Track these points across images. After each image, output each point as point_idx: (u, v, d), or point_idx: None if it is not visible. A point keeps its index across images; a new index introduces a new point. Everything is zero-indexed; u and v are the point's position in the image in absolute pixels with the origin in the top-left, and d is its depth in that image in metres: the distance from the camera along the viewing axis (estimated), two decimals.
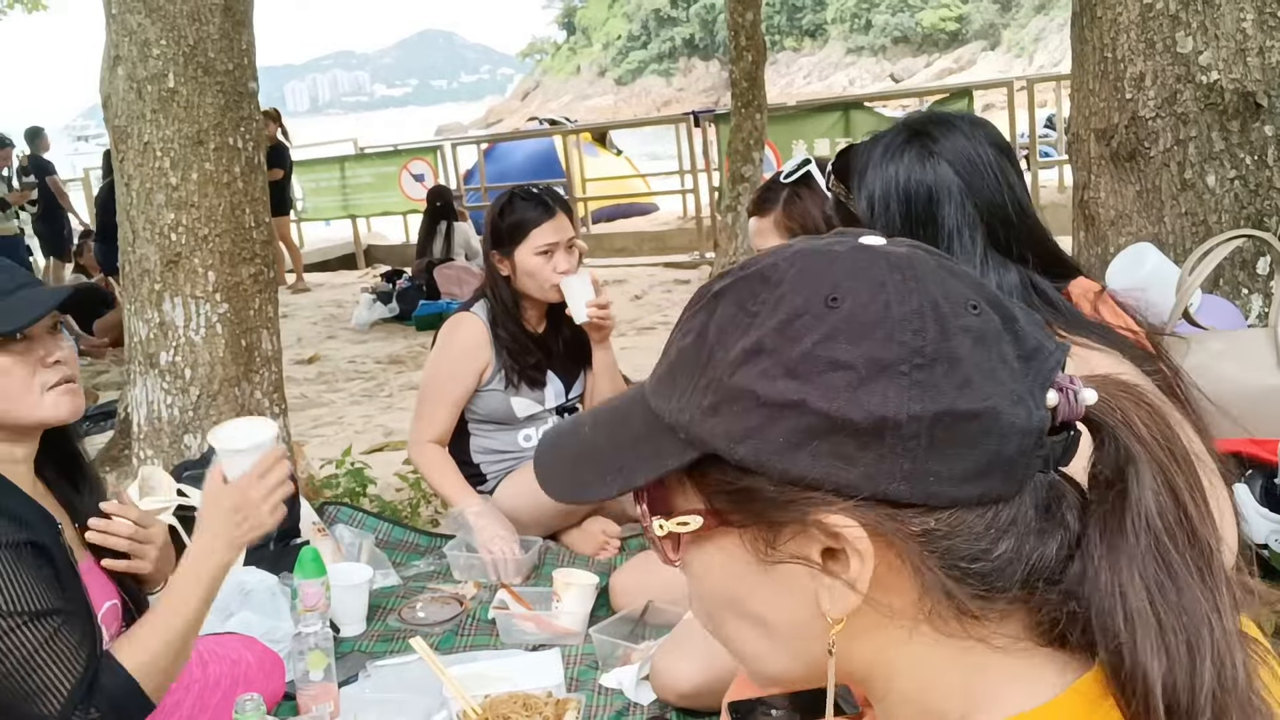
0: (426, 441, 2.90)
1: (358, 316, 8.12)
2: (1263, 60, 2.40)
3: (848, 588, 0.59)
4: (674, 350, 0.65)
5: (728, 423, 0.59)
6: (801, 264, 0.61)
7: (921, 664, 0.62)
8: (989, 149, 1.48)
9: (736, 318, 0.60)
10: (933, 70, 52.07)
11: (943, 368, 0.56)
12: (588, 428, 0.69)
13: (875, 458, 0.56)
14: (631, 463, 0.63)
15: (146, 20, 3.04)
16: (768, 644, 0.65)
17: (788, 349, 0.58)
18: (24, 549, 1.50)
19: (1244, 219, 2.45)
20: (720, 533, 0.62)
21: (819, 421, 0.56)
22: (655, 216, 12.30)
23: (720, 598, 0.65)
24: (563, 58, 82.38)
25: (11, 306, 1.58)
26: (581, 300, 2.83)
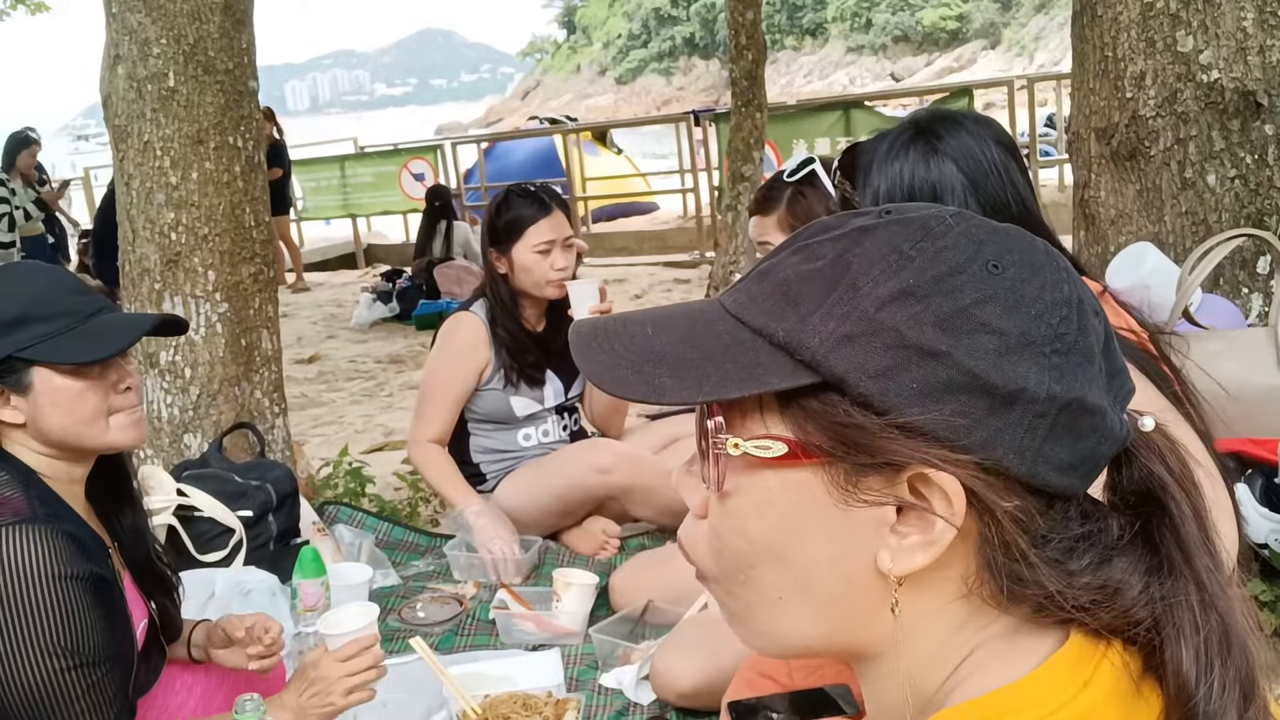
0: (426, 441, 2.90)
1: (358, 316, 8.12)
2: (1263, 59, 2.40)
3: (921, 547, 0.59)
4: (788, 272, 0.62)
5: (863, 355, 0.57)
6: (966, 225, 0.61)
7: (937, 641, 0.62)
8: (994, 147, 1.48)
9: (889, 256, 0.59)
10: (933, 69, 52.06)
11: (1076, 359, 0.58)
12: (650, 329, 0.65)
13: (1001, 425, 0.57)
14: (722, 374, 0.60)
15: (146, 19, 3.04)
16: (798, 599, 0.63)
17: (943, 301, 0.57)
18: (88, 584, 1.48)
19: (1244, 218, 2.45)
20: (800, 465, 0.60)
21: (959, 376, 0.56)
22: (655, 216, 12.30)
23: (768, 536, 0.62)
24: (563, 57, 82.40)
25: (94, 332, 1.58)
26: (586, 306, 2.83)
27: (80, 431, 1.59)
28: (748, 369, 0.60)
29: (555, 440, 3.01)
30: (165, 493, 2.69)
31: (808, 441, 0.59)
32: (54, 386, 1.56)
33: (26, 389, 1.55)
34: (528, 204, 2.89)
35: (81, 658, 1.45)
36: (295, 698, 1.66)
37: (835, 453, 0.59)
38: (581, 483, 2.86)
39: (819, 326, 0.59)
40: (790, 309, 0.60)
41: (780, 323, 0.60)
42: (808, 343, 0.59)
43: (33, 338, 1.54)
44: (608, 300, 2.89)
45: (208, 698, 1.88)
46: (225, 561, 2.67)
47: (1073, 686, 0.58)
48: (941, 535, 0.58)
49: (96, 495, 1.68)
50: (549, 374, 2.97)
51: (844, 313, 0.58)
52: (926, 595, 0.61)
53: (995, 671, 0.60)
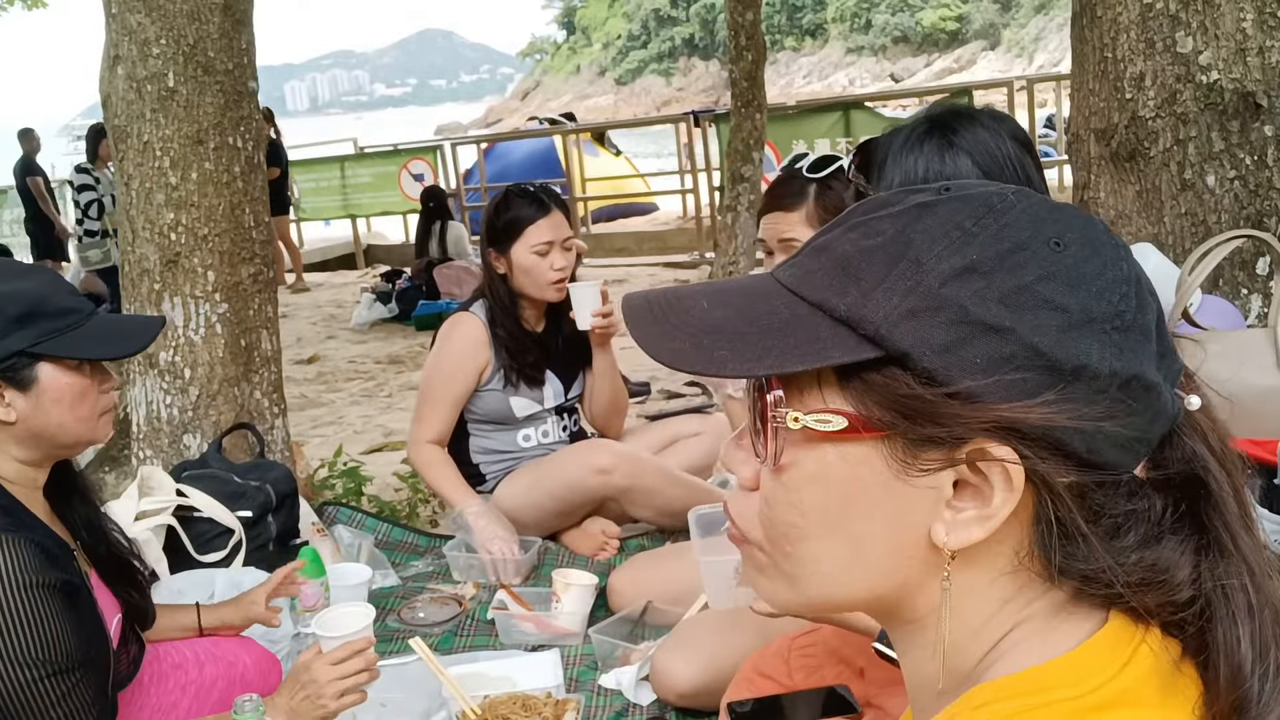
0: (425, 442, 2.90)
1: (357, 316, 8.12)
2: (1263, 60, 2.40)
3: (978, 520, 0.59)
4: (847, 247, 0.62)
5: (927, 330, 0.58)
6: (1027, 202, 0.61)
7: (982, 612, 0.62)
8: (1009, 143, 1.48)
9: (951, 233, 0.60)
10: (933, 70, 52.08)
11: (1135, 336, 0.59)
12: (705, 302, 0.65)
13: (1062, 400, 0.57)
14: (783, 348, 0.60)
15: (146, 19, 3.04)
16: (847, 567, 0.63)
17: (1006, 277, 0.58)
18: (57, 590, 1.47)
19: (1244, 219, 2.45)
20: (858, 439, 0.61)
21: (1023, 352, 0.57)
22: (655, 216, 12.30)
23: (823, 507, 0.63)
24: (563, 57, 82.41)
25: (103, 331, 1.61)
26: (588, 309, 2.82)
27: (78, 429, 1.60)
28: (809, 343, 0.60)
29: (555, 441, 3.01)
30: (165, 493, 2.69)
31: (868, 415, 0.60)
32: (61, 383, 1.57)
33: (30, 385, 1.55)
34: (526, 204, 2.88)
35: (54, 666, 1.45)
36: (287, 700, 1.66)
37: (896, 426, 0.59)
38: (581, 483, 2.86)
39: (882, 301, 0.59)
40: (851, 284, 0.60)
41: (841, 297, 0.60)
42: (871, 317, 0.59)
43: (44, 333, 1.55)
44: (609, 303, 2.88)
45: (201, 696, 1.88)
46: (225, 562, 2.67)
47: (1111, 667, 0.58)
48: (999, 509, 0.58)
49: (50, 495, 1.68)
50: (548, 374, 2.97)
51: (908, 288, 0.59)
52: (977, 568, 0.62)
53: (1033, 649, 0.61)
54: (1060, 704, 0.57)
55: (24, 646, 1.42)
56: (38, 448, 1.59)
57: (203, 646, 1.98)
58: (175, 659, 1.91)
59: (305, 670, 1.68)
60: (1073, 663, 0.59)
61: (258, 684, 1.94)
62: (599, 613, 2.46)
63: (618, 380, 3.08)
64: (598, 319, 2.84)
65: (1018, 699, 0.57)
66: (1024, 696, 0.58)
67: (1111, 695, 0.57)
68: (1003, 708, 0.57)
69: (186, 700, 1.86)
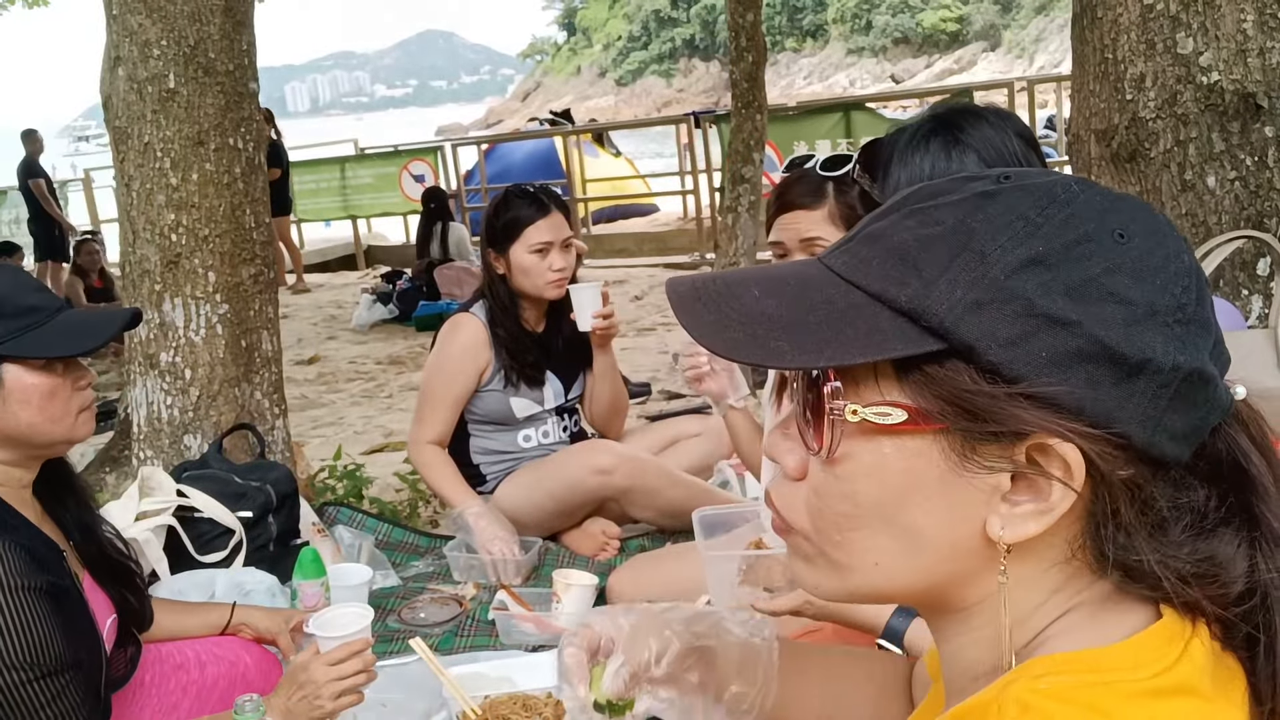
0: (426, 443, 2.90)
1: (358, 317, 8.12)
2: (1263, 61, 2.40)
3: (1035, 515, 0.59)
4: (906, 236, 0.61)
5: (993, 322, 0.57)
6: (1090, 193, 0.60)
7: (1032, 601, 0.62)
8: (1015, 140, 1.47)
9: (1015, 223, 0.59)
10: (933, 71, 52.08)
11: (1197, 329, 0.58)
12: (755, 290, 0.63)
13: (1125, 394, 0.57)
14: (842, 339, 0.59)
15: (147, 21, 3.04)
16: (900, 558, 0.63)
17: (1072, 269, 0.57)
18: (44, 594, 1.47)
19: (1244, 220, 2.45)
20: (916, 432, 0.60)
21: (1089, 346, 0.56)
22: (655, 217, 12.31)
23: (878, 499, 0.62)
24: (563, 58, 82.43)
25: (65, 328, 1.58)
26: (589, 310, 2.82)
27: (51, 429, 1.58)
28: (869, 334, 0.59)
29: (555, 441, 3.01)
30: (165, 493, 2.69)
31: (928, 408, 0.59)
32: (26, 384, 1.55)
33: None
34: (526, 204, 2.88)
35: (43, 669, 1.44)
36: (284, 700, 1.65)
37: (956, 420, 0.58)
38: (581, 484, 2.86)
39: (946, 293, 0.58)
40: (912, 274, 0.59)
41: (902, 288, 0.59)
42: (934, 309, 0.58)
43: (4, 333, 1.53)
44: (610, 304, 2.88)
45: (203, 697, 1.88)
46: (225, 562, 2.67)
47: (1167, 658, 0.58)
48: (1058, 504, 0.58)
49: (43, 495, 1.67)
50: (549, 375, 2.97)
51: (972, 279, 0.58)
52: (1031, 560, 0.61)
53: (1083, 634, 0.60)
54: (1119, 685, 0.56)
55: (12, 650, 1.41)
56: (13, 449, 1.57)
57: (204, 647, 1.98)
58: (177, 659, 1.91)
59: (303, 670, 1.67)
60: (1129, 649, 0.58)
61: (259, 684, 1.94)
62: None
63: (618, 381, 3.08)
64: (599, 321, 2.84)
65: (1076, 675, 0.57)
66: (1082, 673, 0.57)
67: (1169, 684, 0.57)
68: (1061, 680, 0.57)
69: (188, 701, 1.85)
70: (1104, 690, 0.56)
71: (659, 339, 6.57)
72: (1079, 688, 0.56)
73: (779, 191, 2.08)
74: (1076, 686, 0.56)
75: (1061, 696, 0.56)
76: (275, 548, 2.74)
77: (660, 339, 6.55)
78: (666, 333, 6.72)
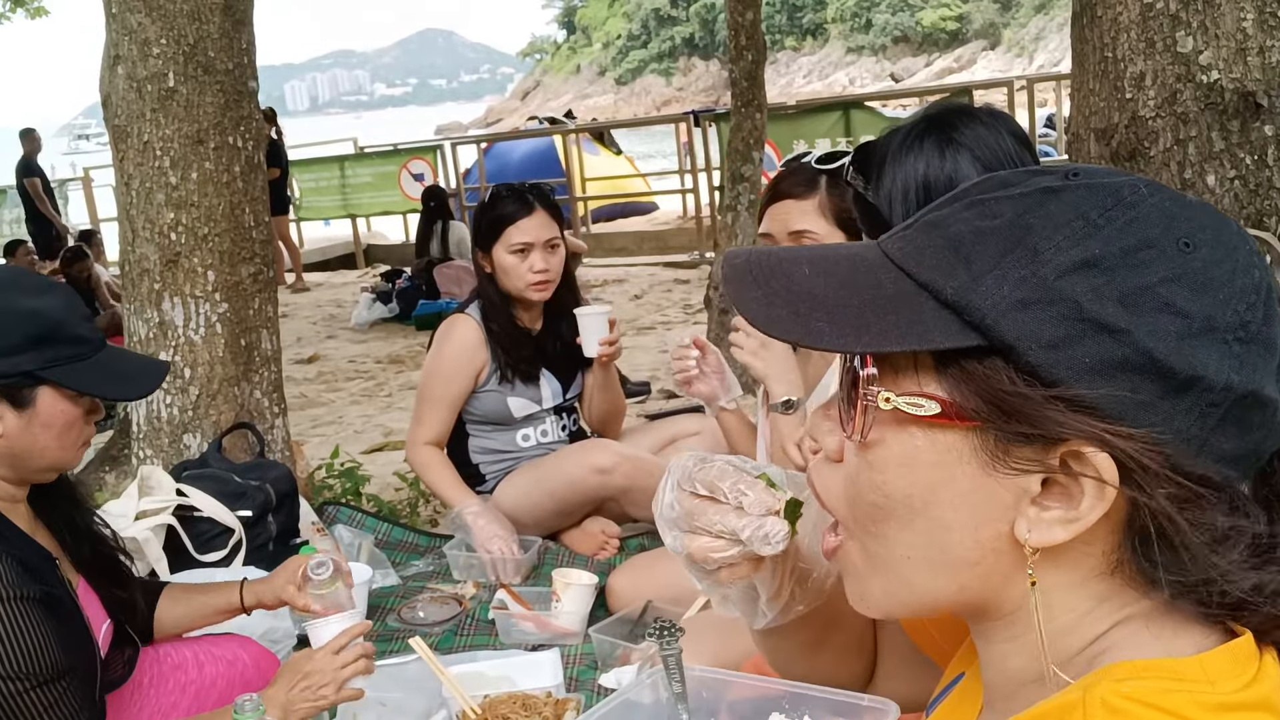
0: (423, 443, 2.89)
1: (357, 316, 8.12)
2: (1263, 60, 2.40)
3: (1062, 522, 0.57)
4: (962, 227, 0.60)
5: (1037, 324, 0.55)
6: (1159, 197, 0.58)
7: (1074, 613, 0.61)
8: (1009, 139, 1.47)
9: (1073, 222, 0.57)
10: (933, 70, 52.07)
11: (1258, 350, 0.56)
12: (807, 269, 0.63)
13: (1171, 410, 0.55)
14: (883, 325, 0.58)
15: (146, 19, 3.04)
16: (930, 555, 0.62)
17: (1127, 275, 0.55)
18: (37, 603, 1.46)
19: (1244, 219, 2.45)
20: (949, 426, 0.59)
21: (1136, 356, 0.54)
22: (655, 216, 12.30)
23: (908, 492, 0.61)
24: (563, 57, 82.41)
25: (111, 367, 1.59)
26: (595, 337, 2.81)
27: (59, 455, 1.59)
28: (910, 323, 0.58)
29: (554, 440, 3.01)
30: (165, 493, 2.69)
31: (963, 404, 0.58)
32: (56, 410, 1.55)
33: (27, 406, 1.52)
34: (510, 203, 2.85)
35: (39, 678, 1.44)
36: (284, 692, 1.64)
37: (991, 419, 0.57)
38: (581, 483, 2.86)
39: (992, 289, 0.56)
40: (962, 266, 0.58)
41: (950, 280, 0.58)
42: (978, 304, 0.57)
43: (55, 359, 1.52)
44: (616, 331, 2.86)
45: (201, 697, 1.88)
46: (225, 561, 2.67)
47: (1243, 675, 0.57)
48: (1086, 514, 0.57)
49: (35, 501, 1.66)
50: (547, 375, 2.96)
51: (1021, 277, 0.56)
52: (1064, 568, 0.60)
53: (1148, 645, 0.59)
54: (1200, 695, 0.55)
55: (8, 660, 1.41)
56: (14, 468, 1.57)
57: (202, 647, 1.98)
58: (175, 659, 1.91)
59: (308, 660, 1.67)
60: (1205, 663, 0.57)
61: (257, 684, 1.94)
62: (598, 613, 2.45)
63: (616, 389, 3.08)
64: (605, 348, 2.82)
65: (1158, 681, 0.56)
66: (1163, 680, 0.56)
67: (1248, 699, 0.56)
68: (1145, 685, 0.56)
69: (186, 701, 1.85)
70: (1186, 698, 0.55)
71: (659, 338, 6.57)
72: (1162, 693, 0.55)
73: (772, 183, 2.07)
74: (1159, 692, 0.55)
75: (1146, 700, 0.55)
76: (275, 547, 2.74)
77: (660, 338, 6.55)
78: (666, 331, 6.72)
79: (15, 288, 1.55)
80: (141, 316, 3.16)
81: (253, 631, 2.24)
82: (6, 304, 1.52)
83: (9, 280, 1.57)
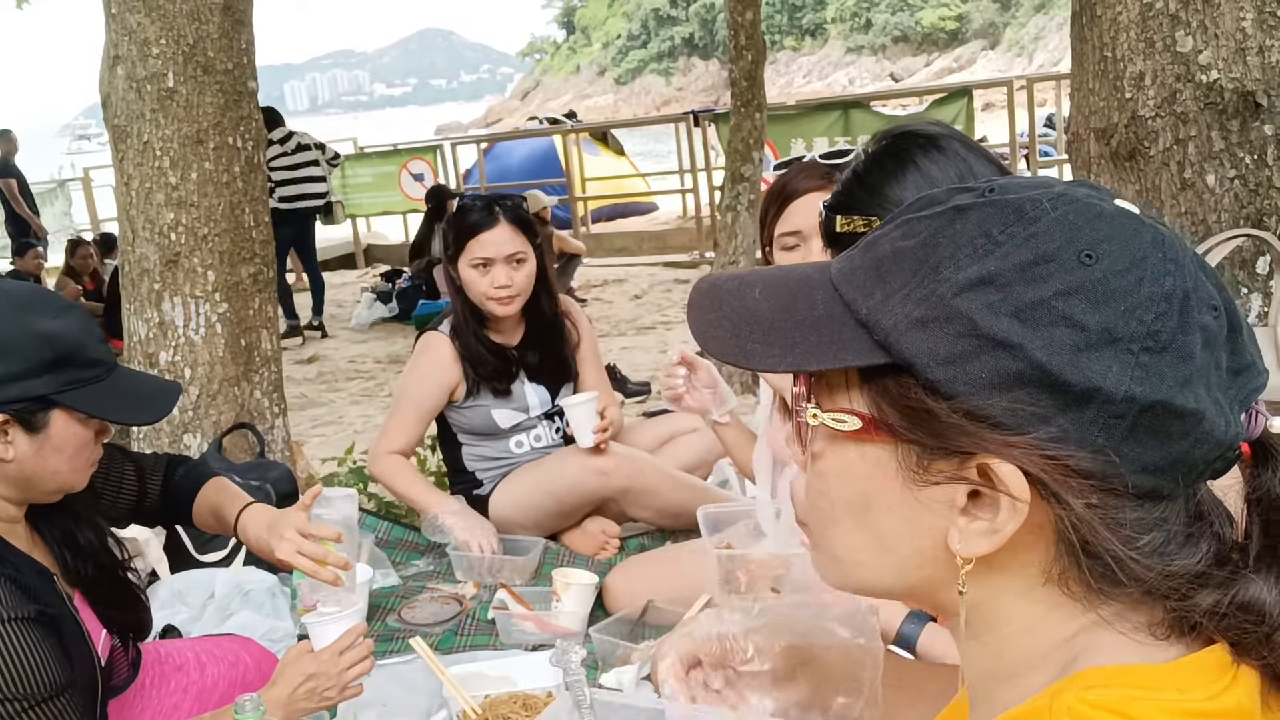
0: (385, 454, 2.85)
1: (357, 316, 8.12)
2: (1262, 59, 2.40)
3: (985, 534, 0.59)
4: (887, 247, 0.62)
5: (933, 341, 0.57)
6: (1064, 210, 0.58)
7: (1030, 617, 0.62)
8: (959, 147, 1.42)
9: (976, 240, 0.58)
10: (933, 69, 52.06)
11: (1170, 359, 0.56)
12: (759, 291, 0.66)
13: (1072, 423, 0.56)
14: (807, 345, 0.61)
15: (146, 19, 3.04)
16: (877, 558, 0.65)
17: (1023, 290, 0.56)
18: (34, 622, 1.45)
19: (1243, 218, 2.45)
20: (874, 440, 0.61)
21: (1030, 370, 0.55)
22: (655, 216, 12.30)
23: (846, 502, 0.65)
24: (562, 57, 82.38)
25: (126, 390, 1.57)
26: (587, 428, 2.78)
27: (68, 478, 1.57)
28: (830, 343, 0.61)
29: (548, 445, 2.98)
30: None
31: (882, 419, 0.60)
32: (70, 433, 1.53)
33: (39, 429, 1.50)
34: (473, 215, 2.79)
35: (38, 696, 1.43)
36: (285, 691, 1.63)
37: (907, 433, 0.60)
38: (580, 484, 2.85)
39: (896, 308, 0.59)
40: (878, 286, 0.61)
41: (867, 299, 0.61)
42: (883, 323, 0.59)
43: (70, 382, 1.50)
44: (608, 419, 2.83)
45: (203, 698, 1.88)
46: (225, 561, 2.67)
47: (1217, 684, 0.57)
48: (1003, 526, 0.58)
49: (31, 516, 1.63)
50: (531, 385, 2.92)
51: (921, 296, 0.58)
52: (1003, 577, 0.61)
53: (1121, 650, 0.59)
54: (1168, 702, 0.55)
55: (6, 682, 1.40)
56: (21, 490, 1.55)
57: (203, 647, 1.98)
58: (176, 661, 1.91)
59: (312, 660, 1.66)
60: (1178, 670, 0.57)
61: (259, 684, 1.94)
62: (597, 613, 2.45)
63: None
64: (599, 435, 2.80)
65: (1126, 688, 0.56)
66: (1132, 688, 0.56)
67: (1219, 707, 0.56)
68: (1111, 693, 0.56)
69: (188, 702, 1.85)
70: (1153, 706, 0.55)
71: (659, 338, 6.57)
72: (1128, 701, 0.55)
73: (784, 182, 2.05)
74: (1125, 700, 0.56)
75: (1111, 707, 0.55)
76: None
77: (660, 338, 6.55)
78: (667, 331, 6.73)
79: (34, 310, 1.52)
80: (141, 317, 3.16)
81: (254, 632, 2.25)
82: (26, 327, 1.48)
83: (28, 302, 1.54)
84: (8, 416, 1.47)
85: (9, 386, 1.46)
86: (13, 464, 1.50)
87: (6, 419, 1.47)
